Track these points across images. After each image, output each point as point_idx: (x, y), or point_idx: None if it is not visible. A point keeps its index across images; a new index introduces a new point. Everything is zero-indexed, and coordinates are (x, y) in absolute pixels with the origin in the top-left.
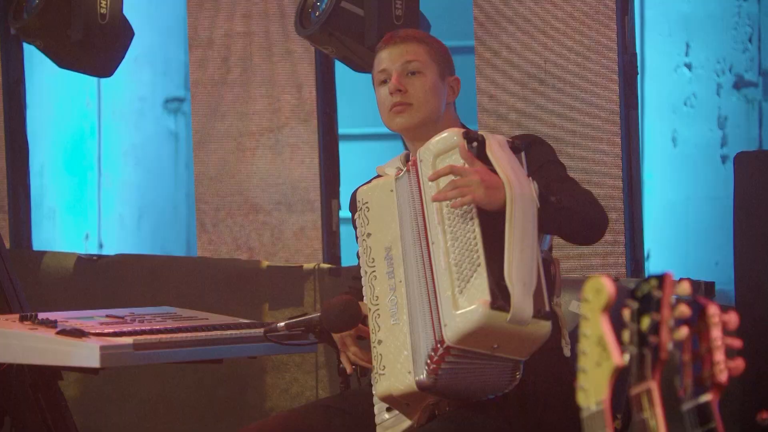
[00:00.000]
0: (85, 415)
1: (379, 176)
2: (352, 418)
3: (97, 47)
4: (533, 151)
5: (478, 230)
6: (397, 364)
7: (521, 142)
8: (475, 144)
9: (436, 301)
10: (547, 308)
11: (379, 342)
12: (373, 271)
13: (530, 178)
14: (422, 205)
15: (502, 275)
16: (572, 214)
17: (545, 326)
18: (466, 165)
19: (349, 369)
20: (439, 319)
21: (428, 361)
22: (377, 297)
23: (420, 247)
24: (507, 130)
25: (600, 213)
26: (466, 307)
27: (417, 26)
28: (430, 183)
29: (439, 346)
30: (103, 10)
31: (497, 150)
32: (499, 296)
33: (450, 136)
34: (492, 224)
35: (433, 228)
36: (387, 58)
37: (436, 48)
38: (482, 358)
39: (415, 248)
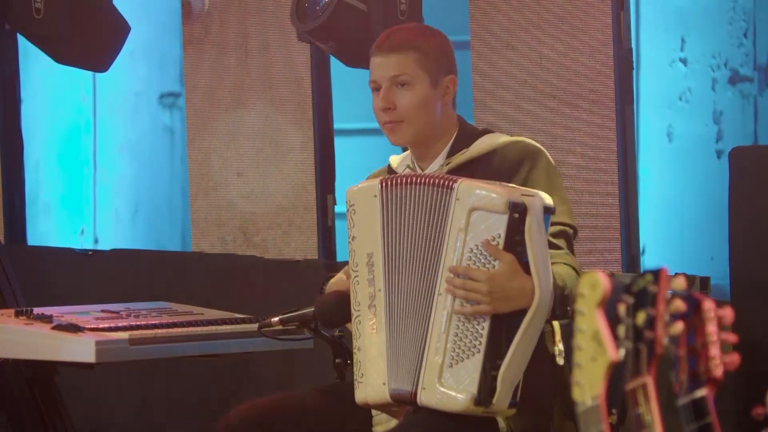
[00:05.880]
0: (81, 411)
1: (389, 165)
2: (348, 405)
3: (38, 41)
4: (530, 180)
5: (489, 318)
6: (374, 374)
7: (553, 207)
8: (516, 215)
9: (424, 351)
10: (518, 398)
11: (359, 349)
12: (356, 276)
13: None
14: (444, 246)
15: (495, 366)
16: (558, 317)
17: (511, 412)
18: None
19: None
20: (421, 370)
21: (405, 394)
22: (359, 303)
23: (426, 281)
24: (502, 125)
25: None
26: (450, 390)
27: (420, 21)
28: (457, 234)
29: (412, 397)
30: (38, 5)
31: (534, 231)
32: (486, 392)
33: (496, 197)
34: (505, 317)
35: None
36: (377, 67)
37: (430, 51)
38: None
39: (414, 273)
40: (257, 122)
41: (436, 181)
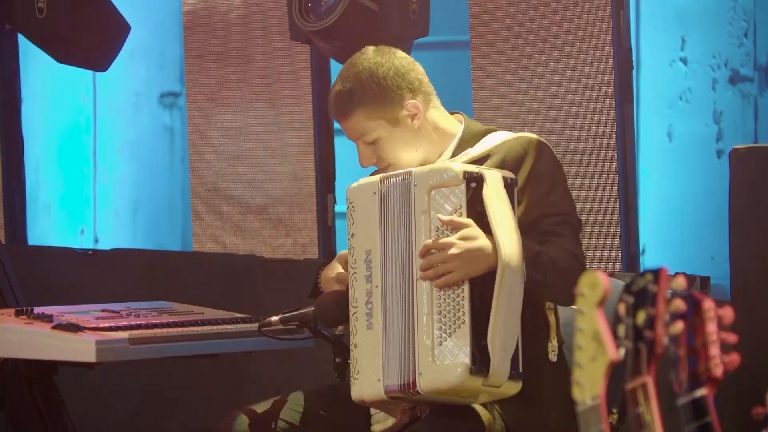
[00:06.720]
0: (81, 410)
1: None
2: (347, 405)
3: (39, 41)
4: (533, 172)
5: (467, 287)
6: (369, 370)
7: (514, 178)
8: (473, 185)
9: (414, 338)
10: (521, 369)
11: (355, 346)
12: (355, 273)
13: (521, 241)
14: (413, 232)
15: (484, 335)
16: (553, 292)
17: (517, 386)
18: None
19: None
20: (415, 357)
21: (400, 388)
22: (356, 299)
23: (407, 271)
24: (502, 124)
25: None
26: (445, 363)
27: (427, 21)
28: (421, 217)
29: (410, 388)
30: (41, 5)
31: (493, 197)
32: (479, 360)
33: (449, 172)
34: (481, 283)
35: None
36: (342, 128)
37: (372, 97)
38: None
39: (399, 266)
40: (257, 122)
41: (398, 173)
